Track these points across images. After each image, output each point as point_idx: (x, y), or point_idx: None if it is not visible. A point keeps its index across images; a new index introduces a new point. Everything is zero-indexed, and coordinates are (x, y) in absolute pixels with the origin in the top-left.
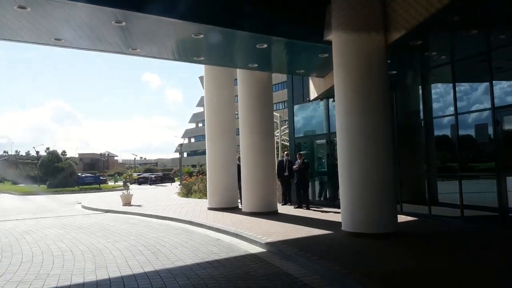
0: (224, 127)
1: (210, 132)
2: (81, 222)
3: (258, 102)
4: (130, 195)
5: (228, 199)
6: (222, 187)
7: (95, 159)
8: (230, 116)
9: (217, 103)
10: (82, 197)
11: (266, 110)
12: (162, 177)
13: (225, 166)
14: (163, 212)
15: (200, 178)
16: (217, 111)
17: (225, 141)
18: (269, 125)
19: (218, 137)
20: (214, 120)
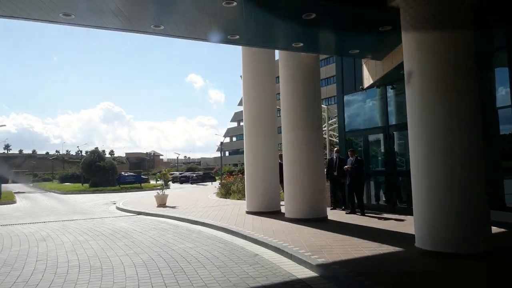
0: (264, 120)
1: (249, 127)
2: (107, 227)
3: (303, 90)
4: (165, 196)
5: (269, 202)
6: (262, 188)
7: (141, 158)
8: (270, 108)
9: (256, 93)
10: (121, 197)
11: (312, 99)
12: (203, 176)
13: (265, 164)
14: (197, 216)
15: (240, 178)
16: (256, 102)
17: (265, 137)
18: (316, 117)
19: (257, 132)
20: (253, 113)
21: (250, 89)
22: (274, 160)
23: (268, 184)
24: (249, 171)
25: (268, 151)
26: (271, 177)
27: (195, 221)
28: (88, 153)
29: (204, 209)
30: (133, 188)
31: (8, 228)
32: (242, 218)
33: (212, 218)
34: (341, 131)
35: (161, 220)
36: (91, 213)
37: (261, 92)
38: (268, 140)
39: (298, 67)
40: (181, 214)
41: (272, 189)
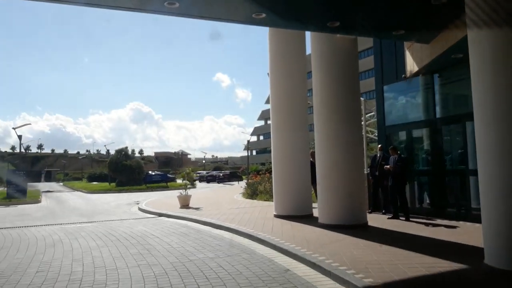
0: (294, 113)
1: (277, 121)
2: (123, 230)
3: (339, 77)
4: (188, 196)
5: (300, 205)
6: (292, 189)
7: (169, 157)
8: (300, 99)
9: (285, 83)
10: (145, 196)
11: (350, 87)
12: (230, 175)
13: (295, 163)
14: (221, 219)
15: (267, 177)
16: (285, 94)
17: (295, 132)
18: (354, 108)
19: (286, 127)
20: (281, 105)
21: (278, 77)
22: (305, 157)
23: (298, 185)
24: (277, 170)
25: (299, 148)
26: (302, 176)
27: (218, 225)
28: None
29: (228, 211)
30: (159, 188)
31: (23, 230)
32: (270, 222)
33: (237, 222)
34: (380, 126)
35: (182, 223)
36: (111, 214)
37: (290, 81)
38: (299, 136)
39: (334, 52)
40: (203, 217)
41: (303, 191)
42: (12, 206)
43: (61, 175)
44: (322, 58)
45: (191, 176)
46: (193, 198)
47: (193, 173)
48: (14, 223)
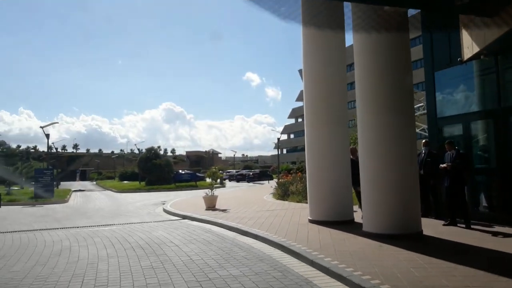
0: (331, 106)
1: (311, 113)
2: (141, 236)
3: (388, 59)
4: (214, 197)
5: (339, 209)
6: (329, 191)
7: (200, 156)
8: (339, 91)
9: (321, 68)
10: (174, 196)
11: (402, 71)
12: (260, 174)
13: (333, 161)
14: (248, 223)
15: (299, 177)
16: (321, 84)
17: (332, 125)
18: (407, 96)
19: (323, 120)
20: (317, 98)
21: (313, 66)
22: (345, 155)
23: (337, 186)
24: (312, 169)
25: (337, 144)
26: (341, 176)
27: (246, 231)
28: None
29: (257, 214)
30: (188, 187)
31: (35, 234)
32: (305, 229)
33: (267, 228)
34: (431, 118)
35: (205, 227)
36: (134, 216)
37: (327, 71)
38: (337, 130)
39: (380, 38)
40: (229, 221)
41: (343, 193)
42: (38, 206)
43: (95, 174)
44: (367, 38)
45: (217, 175)
46: (221, 198)
47: (220, 172)
48: (31, 225)
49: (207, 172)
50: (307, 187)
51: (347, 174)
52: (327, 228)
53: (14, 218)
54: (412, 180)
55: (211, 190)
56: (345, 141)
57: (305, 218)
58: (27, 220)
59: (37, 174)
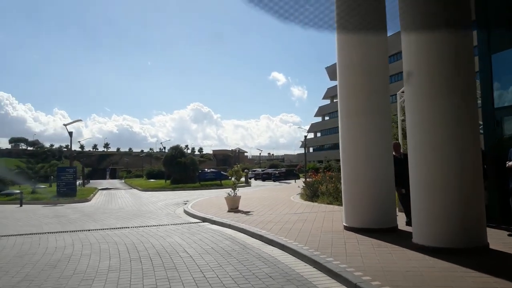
0: (371, 91)
1: (346, 103)
2: (153, 242)
3: (446, 35)
4: (237, 198)
5: (380, 214)
6: (369, 194)
7: (226, 155)
8: (379, 73)
9: (360, 50)
10: (197, 195)
11: (462, 46)
12: (286, 173)
13: (373, 158)
14: (275, 229)
15: (329, 176)
16: (359, 65)
17: (372, 116)
18: (469, 79)
19: (360, 110)
20: (354, 83)
21: (349, 50)
22: (387, 151)
23: (378, 188)
24: (347, 167)
25: (379, 138)
26: (383, 176)
27: (271, 240)
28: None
29: (284, 218)
30: (213, 185)
31: (41, 238)
32: (341, 239)
33: (295, 236)
34: (487, 108)
35: (226, 233)
36: (152, 217)
37: (365, 50)
38: (378, 122)
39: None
40: (253, 226)
41: (385, 196)
42: (59, 205)
43: (123, 173)
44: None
45: (240, 174)
46: (245, 198)
47: (244, 171)
48: (41, 228)
49: (229, 171)
50: (341, 188)
51: (389, 174)
52: (367, 238)
53: (29, 219)
54: (477, 182)
55: (234, 190)
56: (387, 134)
57: (338, 224)
58: (40, 221)
59: (59, 173)
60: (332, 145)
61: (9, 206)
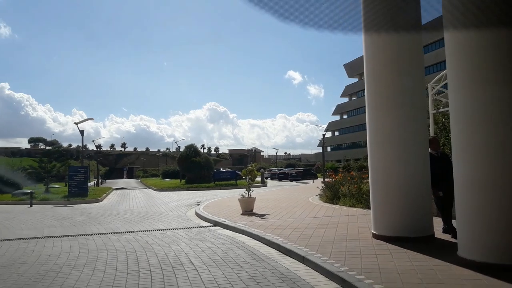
0: (405, 80)
1: (375, 93)
2: (158, 250)
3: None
4: (251, 200)
5: (415, 221)
6: (402, 196)
7: (242, 155)
8: (414, 58)
9: (389, 41)
10: (211, 195)
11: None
12: (303, 172)
13: (407, 155)
14: (293, 237)
15: (350, 176)
16: (388, 50)
17: (406, 108)
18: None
19: (392, 101)
20: (384, 69)
21: (377, 36)
22: (423, 147)
23: (412, 191)
24: (376, 167)
25: (414, 133)
26: (419, 177)
27: (289, 250)
28: (184, 148)
29: (303, 223)
30: (228, 185)
31: (38, 243)
32: (370, 250)
33: (317, 246)
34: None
35: (238, 239)
36: (161, 220)
37: (397, 32)
38: (412, 115)
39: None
40: (268, 232)
41: (420, 200)
42: (70, 205)
43: (140, 172)
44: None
45: (254, 174)
46: (260, 199)
47: (259, 170)
48: (42, 231)
49: (242, 171)
50: (368, 190)
51: (425, 173)
52: (401, 249)
53: (33, 221)
54: None
55: (248, 192)
56: (423, 129)
57: (365, 231)
58: (44, 223)
59: (70, 172)
60: (350, 144)
61: (19, 207)
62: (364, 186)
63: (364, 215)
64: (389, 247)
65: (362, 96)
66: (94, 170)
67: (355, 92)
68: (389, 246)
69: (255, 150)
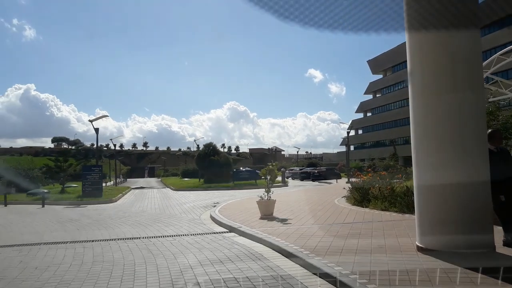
0: (459, 59)
1: (423, 72)
2: (160, 263)
3: None
4: (271, 203)
5: (472, 231)
6: (456, 202)
7: (263, 154)
8: (469, 41)
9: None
10: (229, 196)
11: None
12: (327, 172)
13: (462, 151)
14: (321, 249)
15: (379, 176)
16: (438, 32)
17: (462, 92)
18: None
19: (443, 84)
20: (433, 44)
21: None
22: (482, 142)
23: (469, 195)
24: (424, 165)
25: (471, 124)
26: (477, 178)
27: (318, 268)
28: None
29: (332, 230)
30: (248, 185)
31: (29, 251)
32: (421, 271)
33: (352, 263)
34: None
35: (256, 251)
36: (173, 223)
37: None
38: (470, 101)
39: None
40: (291, 242)
41: (480, 206)
42: (82, 206)
43: (161, 171)
44: None
45: (274, 173)
46: (281, 200)
47: (280, 169)
48: (41, 237)
49: (262, 170)
50: (414, 196)
51: (485, 174)
52: (458, 268)
53: (37, 224)
54: None
55: (267, 193)
56: (481, 119)
57: (407, 242)
58: (48, 226)
59: (84, 172)
60: (374, 142)
61: (31, 207)
62: (397, 187)
63: (400, 221)
64: (441, 265)
65: (387, 93)
66: (116, 169)
67: (379, 89)
68: (441, 263)
69: (276, 149)
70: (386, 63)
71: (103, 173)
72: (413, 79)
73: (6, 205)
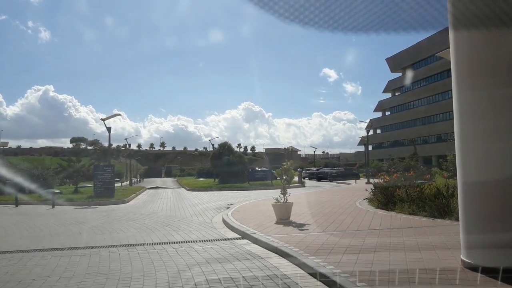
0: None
1: (471, 65)
2: (161, 277)
3: None
4: (287, 206)
5: None
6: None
7: (279, 154)
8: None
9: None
10: (244, 197)
11: None
12: (345, 172)
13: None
14: (347, 263)
15: (404, 177)
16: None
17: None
18: None
19: (498, 70)
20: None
21: None
22: None
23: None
24: (471, 165)
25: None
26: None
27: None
28: (217, 146)
29: (356, 238)
30: (263, 185)
31: (19, 260)
32: None
33: (386, 283)
34: None
35: (270, 263)
36: (182, 227)
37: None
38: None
39: None
40: (311, 253)
41: None
42: (93, 206)
43: (177, 171)
44: None
45: (291, 173)
46: (298, 202)
47: (297, 169)
48: (39, 242)
49: (277, 170)
50: (459, 200)
51: None
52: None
53: (40, 227)
54: None
55: (284, 195)
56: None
57: (447, 255)
58: (50, 230)
59: (96, 172)
60: (392, 142)
61: (41, 208)
62: (427, 189)
63: (433, 227)
64: (497, 286)
65: (406, 91)
66: (133, 169)
67: (398, 88)
68: (496, 283)
69: (292, 149)
70: (406, 60)
71: (120, 173)
72: (455, 63)
73: (17, 205)
